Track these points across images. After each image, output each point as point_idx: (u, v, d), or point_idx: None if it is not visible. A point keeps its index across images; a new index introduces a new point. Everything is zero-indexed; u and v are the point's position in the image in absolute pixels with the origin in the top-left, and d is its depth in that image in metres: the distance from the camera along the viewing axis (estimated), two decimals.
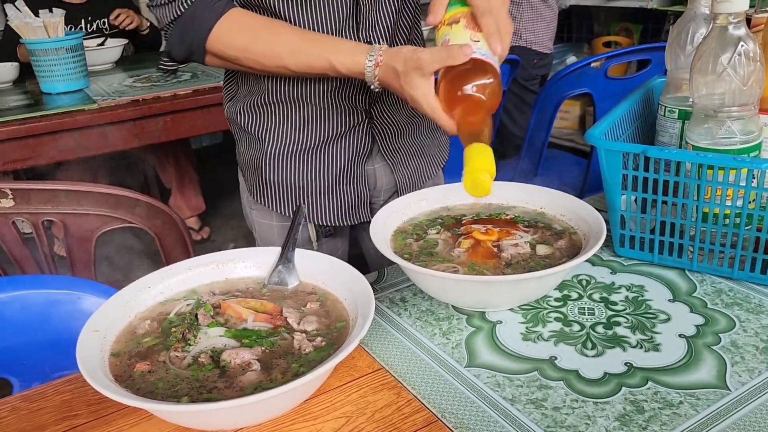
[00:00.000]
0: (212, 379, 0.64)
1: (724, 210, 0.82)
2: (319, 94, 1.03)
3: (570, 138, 3.41)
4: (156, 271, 0.79)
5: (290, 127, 1.06)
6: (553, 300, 0.84)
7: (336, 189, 1.11)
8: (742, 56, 0.79)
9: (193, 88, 2.19)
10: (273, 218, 1.16)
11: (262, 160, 1.09)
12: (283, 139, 1.07)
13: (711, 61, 0.81)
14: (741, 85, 0.80)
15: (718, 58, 0.80)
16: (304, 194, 1.10)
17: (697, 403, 0.65)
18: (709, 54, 0.81)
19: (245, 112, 1.09)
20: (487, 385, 0.70)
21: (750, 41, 0.79)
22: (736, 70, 0.79)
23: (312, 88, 1.03)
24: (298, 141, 1.07)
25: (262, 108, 1.07)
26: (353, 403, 0.68)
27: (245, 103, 1.08)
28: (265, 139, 1.08)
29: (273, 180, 1.10)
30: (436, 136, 1.23)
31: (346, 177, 1.11)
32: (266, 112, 1.07)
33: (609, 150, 0.87)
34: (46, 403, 0.72)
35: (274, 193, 1.11)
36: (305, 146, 1.07)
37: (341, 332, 0.70)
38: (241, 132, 1.13)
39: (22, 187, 1.09)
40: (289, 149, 1.07)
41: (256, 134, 1.09)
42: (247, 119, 1.09)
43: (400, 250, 0.85)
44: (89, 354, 0.65)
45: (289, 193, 1.10)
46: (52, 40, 2.15)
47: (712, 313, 0.79)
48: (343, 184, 1.11)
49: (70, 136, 2.03)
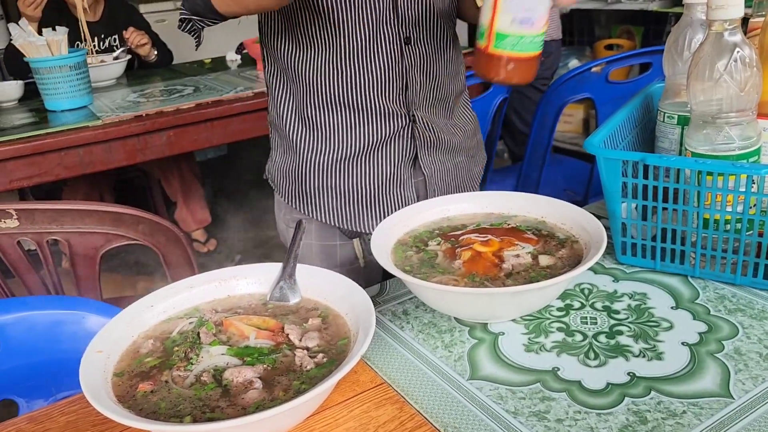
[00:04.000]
0: (214, 398, 0.64)
1: (725, 216, 0.82)
2: (362, 94, 1.05)
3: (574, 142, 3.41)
4: (158, 289, 0.80)
5: (336, 133, 1.08)
6: (555, 310, 0.84)
7: (384, 196, 1.12)
8: (738, 62, 0.79)
9: (195, 102, 2.21)
10: (312, 237, 1.16)
11: (308, 169, 1.10)
12: (330, 146, 1.09)
13: (707, 68, 0.81)
14: (738, 91, 0.80)
15: (715, 65, 0.80)
16: (352, 202, 1.12)
17: (700, 412, 0.65)
18: (706, 60, 0.81)
19: (288, 117, 1.10)
20: (489, 397, 0.70)
21: (746, 47, 0.79)
22: (732, 76, 0.79)
23: (356, 87, 1.05)
24: (345, 147, 1.09)
25: (307, 113, 1.08)
26: (356, 419, 0.68)
27: (289, 107, 1.10)
28: (310, 147, 1.09)
29: (319, 188, 1.11)
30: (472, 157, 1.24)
31: (394, 183, 1.12)
32: (310, 117, 1.08)
33: (608, 158, 0.87)
34: (52, 424, 0.72)
35: (320, 202, 1.12)
36: (351, 152, 1.09)
37: (343, 348, 0.70)
38: (283, 140, 1.14)
39: (26, 207, 1.10)
40: (335, 156, 1.09)
41: (301, 142, 1.10)
42: (292, 126, 1.10)
43: (401, 263, 0.85)
44: (92, 375, 0.65)
45: (336, 201, 1.12)
46: (56, 58, 2.17)
47: (715, 320, 0.79)
48: (390, 190, 1.12)
49: (75, 153, 2.04)
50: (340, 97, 1.06)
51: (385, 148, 1.10)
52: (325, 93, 1.06)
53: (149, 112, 2.14)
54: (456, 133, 1.19)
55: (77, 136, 2.01)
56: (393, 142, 1.10)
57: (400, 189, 1.13)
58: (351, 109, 1.07)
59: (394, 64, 1.05)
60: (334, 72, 1.05)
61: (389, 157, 1.11)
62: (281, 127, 1.13)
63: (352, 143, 1.09)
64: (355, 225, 1.13)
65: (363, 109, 1.07)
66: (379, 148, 1.10)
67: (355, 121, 1.08)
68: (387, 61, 1.05)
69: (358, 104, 1.06)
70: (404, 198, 1.14)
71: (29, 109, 2.33)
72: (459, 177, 1.22)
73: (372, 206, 1.13)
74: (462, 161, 1.22)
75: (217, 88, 2.42)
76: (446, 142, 1.16)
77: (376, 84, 1.05)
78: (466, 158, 1.23)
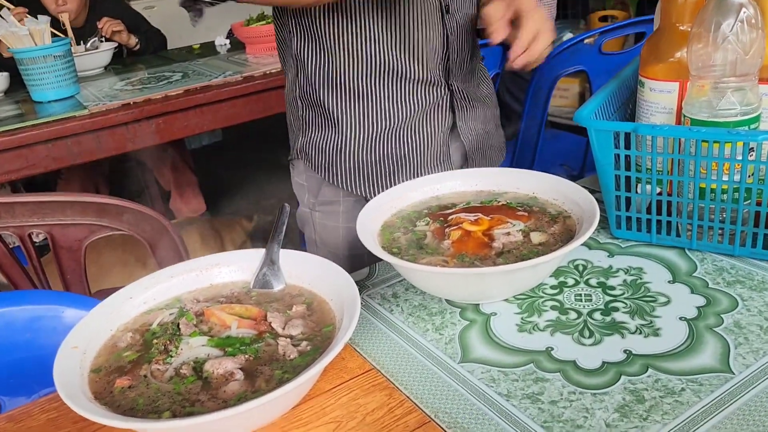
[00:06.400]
0: (194, 391, 0.62)
1: (722, 185, 0.79)
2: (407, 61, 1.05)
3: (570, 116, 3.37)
4: (138, 280, 0.77)
5: (379, 103, 1.08)
6: (548, 288, 0.81)
7: (428, 166, 1.13)
8: (744, 23, 0.75)
9: (184, 88, 2.17)
10: (339, 220, 1.16)
11: (350, 142, 1.10)
12: (373, 117, 1.09)
13: (712, 30, 0.77)
14: (743, 54, 0.76)
15: (719, 27, 0.76)
16: (394, 174, 1.11)
17: (699, 389, 0.63)
18: (710, 22, 0.77)
19: (328, 90, 1.08)
20: (481, 380, 0.67)
21: (751, 7, 0.76)
22: (738, 38, 0.76)
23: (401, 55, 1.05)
24: (388, 118, 1.08)
25: (349, 84, 1.07)
26: (344, 407, 0.66)
27: (328, 80, 1.08)
28: (353, 119, 1.09)
29: (362, 162, 1.10)
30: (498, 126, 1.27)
31: (435, 153, 1.13)
32: (353, 88, 1.07)
33: (599, 129, 0.84)
34: (32, 423, 0.70)
35: (362, 176, 1.11)
36: (393, 124, 1.09)
37: (328, 335, 0.68)
38: (319, 116, 1.12)
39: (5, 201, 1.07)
40: (379, 127, 1.09)
41: (343, 115, 1.09)
42: (332, 99, 1.09)
43: (388, 245, 0.83)
44: (68, 372, 0.63)
45: (378, 174, 1.11)
46: (40, 48, 2.13)
47: (713, 293, 0.77)
48: (431, 161, 1.13)
49: (63, 143, 2.01)
50: (384, 65, 1.05)
51: (426, 118, 1.11)
52: (369, 62, 1.05)
53: (137, 100, 2.10)
54: (485, 101, 1.21)
55: (64, 127, 1.98)
56: (433, 112, 1.11)
57: (443, 157, 1.15)
58: (395, 77, 1.06)
59: (436, 33, 1.06)
60: (379, 40, 1.03)
61: (430, 128, 1.12)
62: (318, 102, 1.10)
63: (395, 113, 1.09)
64: None
65: (407, 78, 1.07)
66: (421, 118, 1.10)
67: (399, 90, 1.08)
68: (430, 29, 1.05)
69: (403, 73, 1.06)
70: (446, 166, 1.15)
71: (15, 101, 2.30)
72: (493, 146, 1.24)
73: (413, 176, 1.12)
74: (492, 129, 1.24)
75: (206, 74, 2.38)
76: (480, 111, 1.19)
77: (421, 52, 1.05)
78: (495, 126, 1.25)
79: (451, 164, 1.17)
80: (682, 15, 0.85)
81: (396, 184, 1.10)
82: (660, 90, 0.87)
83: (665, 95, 0.86)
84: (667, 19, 0.87)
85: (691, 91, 0.82)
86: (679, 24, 0.86)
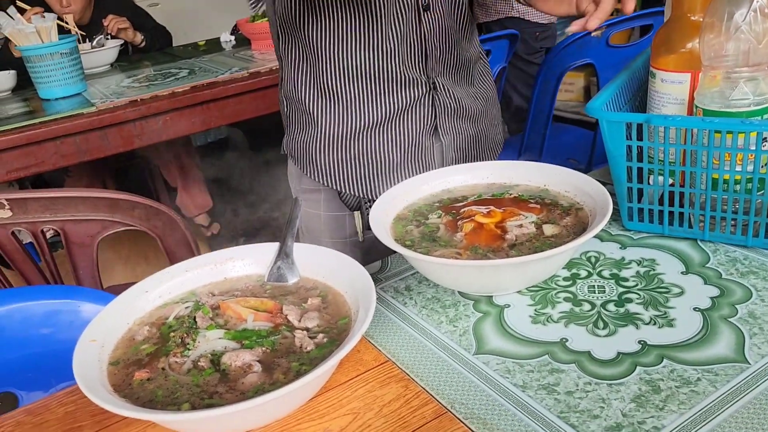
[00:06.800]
0: (213, 383, 0.62)
1: (735, 176, 0.79)
2: (382, 62, 1.04)
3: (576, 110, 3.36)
4: (153, 274, 0.78)
5: (356, 103, 1.07)
6: (561, 279, 0.82)
7: (405, 164, 1.12)
8: (757, 12, 0.75)
9: (190, 85, 2.17)
10: (320, 208, 1.17)
11: (328, 140, 1.09)
12: (350, 117, 1.08)
13: (724, 19, 0.77)
14: (756, 44, 0.76)
15: (732, 16, 0.76)
16: (373, 171, 1.11)
17: (715, 379, 0.63)
18: (723, 12, 0.77)
19: (307, 89, 1.09)
20: (496, 372, 0.68)
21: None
22: (751, 27, 0.76)
23: (375, 56, 1.04)
24: (365, 117, 1.08)
25: (328, 85, 1.07)
26: (360, 399, 0.66)
27: (307, 80, 1.08)
28: (330, 119, 1.08)
29: (340, 159, 1.10)
30: (494, 126, 1.24)
31: (414, 151, 1.12)
32: (331, 89, 1.07)
33: (611, 121, 0.84)
34: (50, 416, 0.71)
35: (341, 172, 1.11)
36: (371, 122, 1.08)
37: (344, 327, 0.68)
38: (301, 113, 1.12)
39: (18, 197, 1.08)
40: (356, 126, 1.08)
41: (321, 114, 1.09)
42: (311, 99, 1.09)
43: (401, 238, 0.83)
44: (87, 365, 0.63)
45: (356, 171, 1.11)
46: (47, 45, 2.14)
47: (727, 284, 0.77)
48: (411, 158, 1.12)
49: (72, 140, 2.01)
50: (359, 66, 1.05)
51: (406, 116, 1.10)
52: (344, 63, 1.05)
53: (144, 97, 2.10)
54: (477, 99, 1.19)
55: (72, 124, 1.98)
56: (413, 110, 1.10)
57: (421, 156, 1.13)
58: (371, 78, 1.06)
59: (412, 32, 1.04)
60: (353, 41, 1.03)
61: (410, 126, 1.10)
62: (299, 100, 1.11)
63: (373, 113, 1.08)
64: (376, 193, 1.12)
65: (383, 78, 1.06)
66: (400, 116, 1.09)
67: (376, 90, 1.07)
68: (406, 29, 1.04)
69: (378, 73, 1.05)
70: (425, 165, 1.14)
71: (23, 99, 2.30)
72: (480, 145, 1.21)
73: (392, 175, 1.12)
74: (483, 129, 1.21)
75: (212, 70, 2.38)
76: (467, 109, 1.16)
77: (395, 52, 1.04)
78: (487, 126, 1.22)
79: (434, 163, 1.15)
80: (693, 5, 0.85)
81: (374, 182, 1.11)
82: (672, 81, 0.87)
83: (677, 86, 0.86)
84: (679, 9, 0.87)
85: (704, 81, 0.82)
86: (691, 14, 0.85)
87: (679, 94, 0.87)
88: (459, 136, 1.16)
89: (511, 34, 2.00)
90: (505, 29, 2.09)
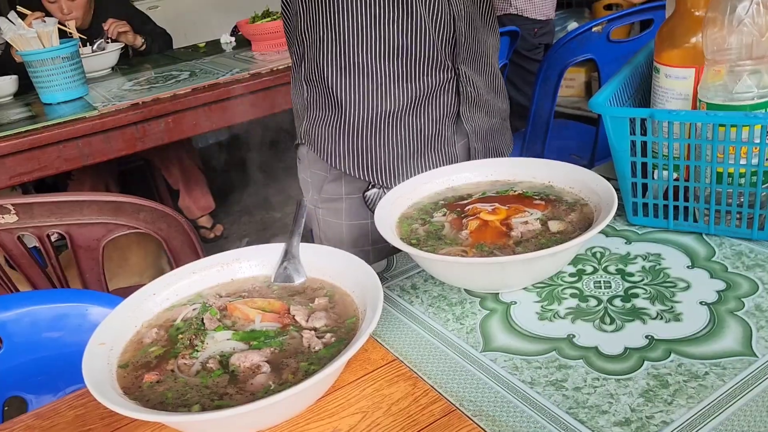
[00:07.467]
0: (222, 384, 0.62)
1: (740, 169, 0.79)
2: (413, 40, 1.04)
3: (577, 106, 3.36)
4: (160, 277, 0.78)
5: (385, 83, 1.06)
6: (567, 276, 0.82)
7: (429, 152, 1.11)
8: (760, 5, 0.75)
9: (192, 87, 2.17)
10: (342, 217, 1.15)
11: (354, 124, 1.08)
12: (378, 99, 1.07)
13: (727, 13, 0.77)
14: (758, 37, 0.76)
15: (735, 9, 0.76)
16: (397, 158, 1.10)
17: (723, 372, 0.63)
18: (725, 5, 0.77)
19: (335, 69, 1.07)
20: (504, 369, 0.68)
21: None
22: (753, 20, 0.76)
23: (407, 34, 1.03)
24: (393, 100, 1.07)
25: (357, 63, 1.05)
26: (369, 398, 0.67)
27: (336, 59, 1.06)
28: (357, 101, 1.07)
29: (365, 145, 1.09)
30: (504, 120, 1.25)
31: (438, 139, 1.11)
32: (361, 67, 1.06)
33: (614, 116, 0.84)
34: (60, 420, 0.71)
35: (365, 160, 1.10)
36: (398, 106, 1.07)
37: (351, 327, 0.68)
38: (324, 97, 1.10)
39: (24, 202, 1.08)
40: (383, 109, 1.07)
41: (347, 96, 1.07)
42: (338, 80, 1.07)
43: (407, 237, 0.83)
44: (96, 368, 0.63)
45: (381, 158, 1.10)
46: (48, 50, 2.14)
47: (733, 277, 0.77)
48: (434, 146, 1.12)
49: (74, 144, 2.02)
50: (391, 43, 1.04)
51: (431, 102, 1.09)
52: (376, 39, 1.03)
53: (145, 100, 2.11)
54: (492, 93, 1.19)
55: (74, 128, 1.99)
56: (438, 96, 1.10)
57: (444, 145, 1.13)
58: (401, 56, 1.05)
59: (443, 12, 1.05)
60: (385, 17, 1.02)
61: (434, 112, 1.10)
62: (324, 81, 1.09)
63: (401, 94, 1.07)
64: (397, 182, 1.11)
65: (413, 58, 1.05)
66: (425, 101, 1.09)
67: (405, 70, 1.06)
68: (437, 8, 1.04)
69: (408, 52, 1.05)
70: (448, 155, 1.14)
71: (25, 104, 2.31)
72: (497, 139, 1.22)
73: (416, 162, 1.12)
74: (497, 123, 1.21)
75: (213, 72, 2.38)
76: (486, 102, 1.16)
77: (426, 31, 1.04)
78: (501, 120, 1.23)
79: (456, 153, 1.15)
80: (696, 0, 0.85)
81: (398, 169, 1.10)
82: (675, 76, 0.87)
83: (681, 81, 0.86)
84: (682, 4, 0.87)
85: (707, 75, 0.82)
86: (694, 9, 0.85)
87: (684, 90, 0.87)
88: (480, 128, 1.16)
89: (511, 31, 2.00)
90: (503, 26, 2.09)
